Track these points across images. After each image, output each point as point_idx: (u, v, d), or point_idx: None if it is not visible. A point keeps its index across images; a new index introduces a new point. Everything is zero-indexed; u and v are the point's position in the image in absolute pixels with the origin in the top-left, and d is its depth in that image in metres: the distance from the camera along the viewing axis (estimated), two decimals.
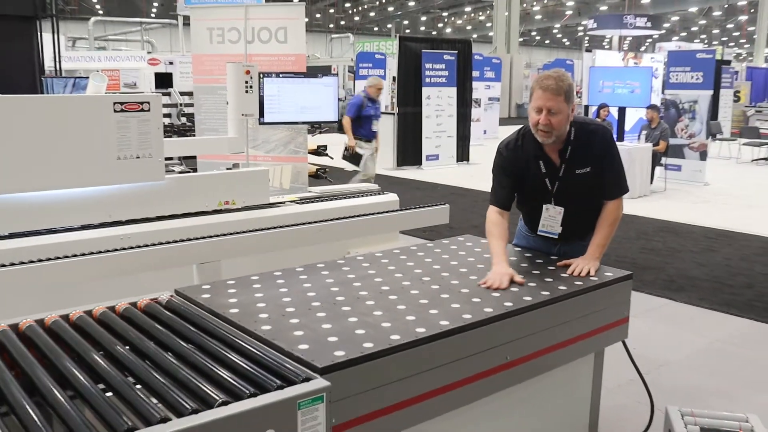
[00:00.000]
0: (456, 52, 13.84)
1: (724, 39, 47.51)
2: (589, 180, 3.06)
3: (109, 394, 1.72)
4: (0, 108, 3.08)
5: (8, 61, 8.05)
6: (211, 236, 3.41)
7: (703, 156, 11.75)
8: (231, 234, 3.49)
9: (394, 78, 15.44)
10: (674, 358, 4.41)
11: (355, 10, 47.12)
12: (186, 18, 14.04)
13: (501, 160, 3.22)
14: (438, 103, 13.54)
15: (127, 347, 1.99)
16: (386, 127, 13.59)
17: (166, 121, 11.67)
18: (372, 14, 47.15)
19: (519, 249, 3.33)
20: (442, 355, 2.18)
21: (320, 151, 7.39)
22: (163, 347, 1.98)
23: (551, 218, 3.14)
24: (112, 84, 13.32)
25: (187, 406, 1.60)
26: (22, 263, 2.83)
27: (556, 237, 3.16)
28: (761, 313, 5.26)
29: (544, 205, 3.15)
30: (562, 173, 3.08)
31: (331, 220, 3.91)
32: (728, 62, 20.84)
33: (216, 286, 2.62)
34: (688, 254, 7.02)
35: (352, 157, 8.95)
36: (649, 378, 3.49)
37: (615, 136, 3.77)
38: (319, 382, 1.75)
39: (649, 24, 23.62)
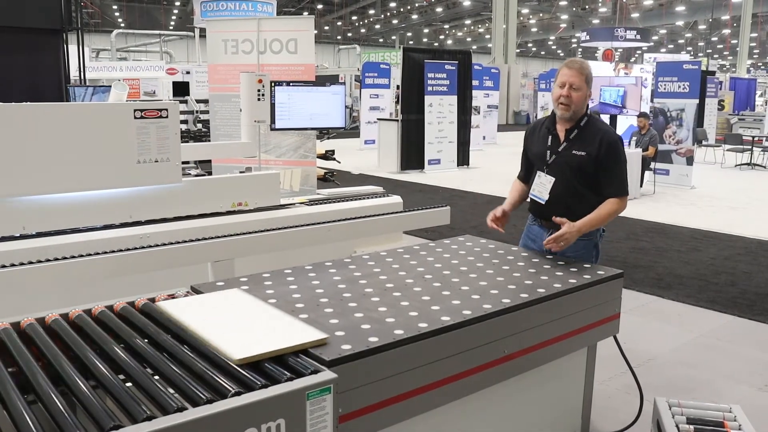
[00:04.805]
0: (457, 62, 13.81)
1: (709, 51, 47.35)
2: (581, 162, 3.21)
3: (128, 384, 1.71)
4: (29, 115, 3.09)
5: (37, 71, 8.08)
6: (225, 236, 3.41)
7: (690, 161, 11.71)
8: (244, 234, 3.48)
9: (398, 86, 15.45)
10: (662, 352, 4.39)
11: (361, 23, 47.13)
12: (202, 30, 14.03)
13: (526, 131, 3.56)
14: (440, 111, 13.51)
15: (146, 340, 1.99)
16: (390, 133, 13.61)
17: (183, 127, 11.66)
18: (377, 26, 47.15)
19: (517, 249, 3.33)
20: (443, 349, 2.18)
21: (328, 155, 7.39)
22: (179, 340, 1.98)
23: (542, 185, 3.32)
24: (133, 92, 13.30)
25: (203, 396, 1.60)
26: (48, 260, 2.83)
27: (543, 203, 3.31)
28: (744, 309, 5.24)
29: (538, 172, 3.34)
30: (561, 149, 3.27)
31: (339, 220, 3.90)
32: (713, 73, 20.84)
33: (230, 283, 2.61)
34: (676, 254, 6.99)
35: None
36: (639, 371, 3.48)
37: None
38: (327, 374, 1.74)
39: (638, 36, 23.57)
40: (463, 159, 14.24)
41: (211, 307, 2.23)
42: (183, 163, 3.73)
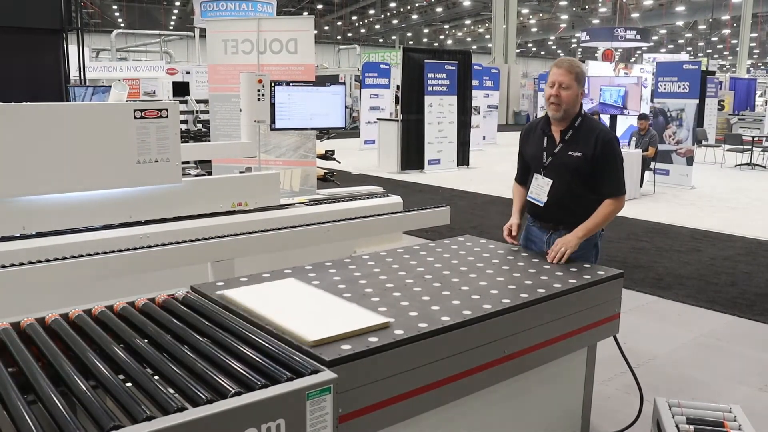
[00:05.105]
0: (456, 62, 13.81)
1: (709, 51, 47.37)
2: (578, 163, 3.20)
3: (128, 384, 1.71)
4: (29, 115, 3.09)
5: (37, 71, 8.08)
6: (225, 236, 3.41)
7: (690, 161, 11.72)
8: (244, 234, 3.48)
9: (398, 86, 15.45)
10: (662, 352, 4.39)
11: (361, 23, 47.13)
12: (202, 30, 14.04)
13: (521, 132, 3.53)
14: (439, 111, 13.51)
15: (146, 340, 1.99)
16: (390, 133, 13.61)
17: (183, 127, 11.65)
18: (377, 27, 47.13)
19: (517, 249, 3.33)
20: (443, 349, 2.18)
21: (328, 155, 7.39)
22: (179, 340, 1.98)
23: (539, 187, 3.31)
24: (133, 92, 13.31)
25: (203, 396, 1.60)
26: (48, 260, 2.83)
27: (542, 205, 3.30)
28: (744, 309, 5.24)
29: (535, 174, 3.33)
30: (557, 150, 3.26)
31: (339, 221, 3.90)
32: (713, 73, 20.86)
33: (230, 282, 2.61)
34: (676, 254, 6.99)
35: None
36: (639, 371, 3.48)
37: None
38: (327, 374, 1.74)
39: (638, 37, 23.56)
40: (463, 159, 14.25)
41: (275, 295, 2.40)
42: (183, 163, 3.72)
